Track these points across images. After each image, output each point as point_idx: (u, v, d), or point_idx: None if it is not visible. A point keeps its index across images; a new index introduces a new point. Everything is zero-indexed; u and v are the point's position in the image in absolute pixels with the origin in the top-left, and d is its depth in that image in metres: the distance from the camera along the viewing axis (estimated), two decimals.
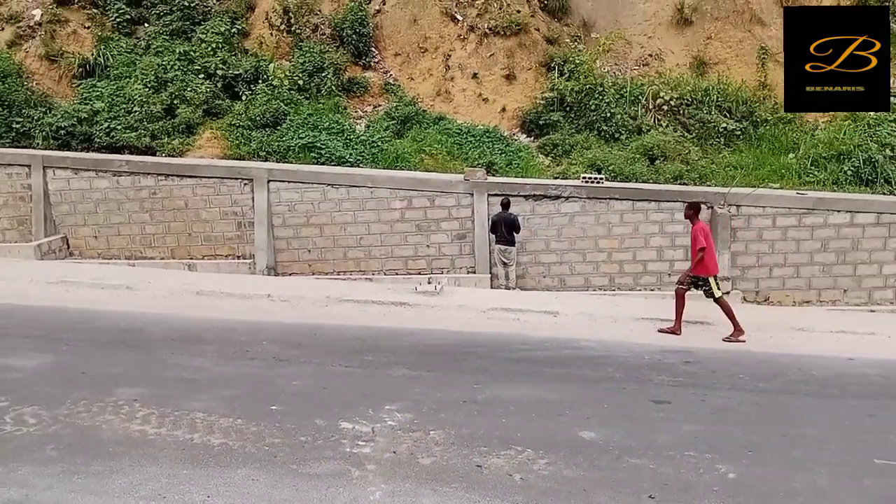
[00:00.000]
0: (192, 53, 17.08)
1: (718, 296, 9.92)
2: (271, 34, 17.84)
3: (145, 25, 18.09)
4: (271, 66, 16.94)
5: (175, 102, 16.27)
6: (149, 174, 14.44)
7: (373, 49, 18.05)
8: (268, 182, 14.04)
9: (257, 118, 16.01)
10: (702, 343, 9.50)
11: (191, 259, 14.35)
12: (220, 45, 17.31)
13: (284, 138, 15.55)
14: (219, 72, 16.81)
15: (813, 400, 7.46)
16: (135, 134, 15.62)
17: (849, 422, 6.80)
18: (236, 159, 15.21)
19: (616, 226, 13.63)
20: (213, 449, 5.52)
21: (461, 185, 13.89)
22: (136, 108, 16.04)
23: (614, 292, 13.44)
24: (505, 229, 13.16)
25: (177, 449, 5.51)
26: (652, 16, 18.35)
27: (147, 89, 16.36)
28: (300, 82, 16.80)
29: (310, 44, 17.53)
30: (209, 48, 17.20)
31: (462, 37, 17.73)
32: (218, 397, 6.64)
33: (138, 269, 13.39)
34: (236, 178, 14.24)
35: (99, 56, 17.07)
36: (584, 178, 13.90)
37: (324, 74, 16.97)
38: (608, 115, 16.32)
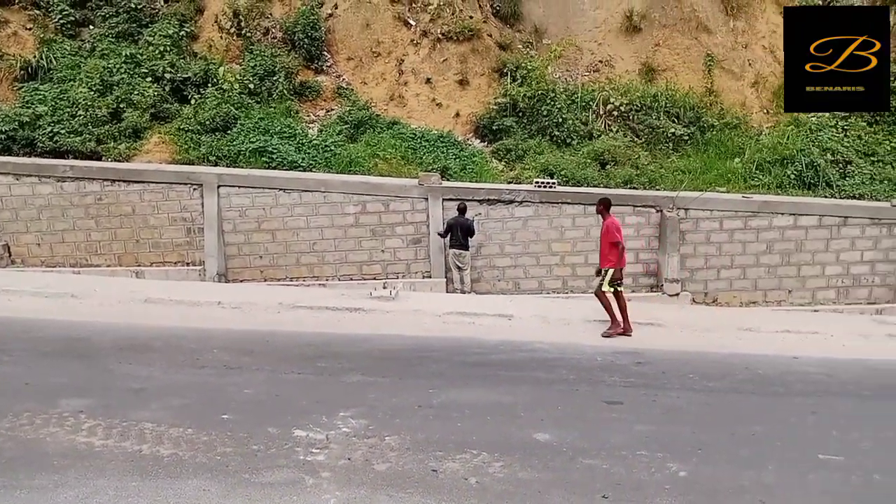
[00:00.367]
0: (139, 56, 16.72)
1: (605, 290, 10.06)
2: (221, 37, 17.61)
3: (90, 27, 17.64)
4: (221, 69, 16.67)
5: (121, 106, 15.87)
6: (94, 179, 14.05)
7: (325, 53, 17.94)
8: (218, 187, 13.82)
9: (207, 122, 15.75)
10: (652, 344, 9.67)
11: (138, 266, 14.02)
12: (168, 48, 16.98)
13: (235, 143, 15.32)
14: (167, 75, 16.49)
15: (760, 398, 7.66)
16: (79, 138, 15.20)
17: (794, 419, 7.01)
18: (185, 164, 14.92)
19: (568, 229, 13.80)
20: (163, 460, 5.40)
21: (416, 189, 13.89)
22: (80, 112, 15.61)
23: (567, 295, 13.59)
24: (461, 233, 13.20)
25: (125, 460, 5.38)
26: (602, 23, 18.66)
27: (92, 93, 15.93)
28: (251, 86, 16.61)
29: (261, 47, 17.35)
30: (157, 51, 16.86)
31: (415, 42, 17.76)
32: (167, 407, 6.50)
33: (84, 277, 13.04)
34: (185, 184, 13.98)
35: (41, 58, 16.56)
36: (537, 182, 14.04)
37: (275, 78, 16.81)
38: (560, 120, 16.55)
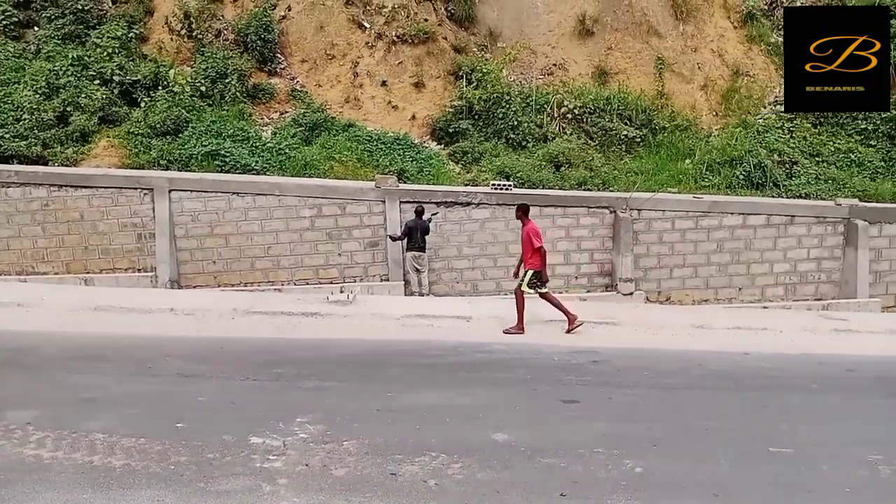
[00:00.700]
0: (86, 58, 16.33)
1: (523, 289, 10.12)
2: (171, 39, 17.31)
3: (35, 29, 17.20)
4: (172, 71, 16.39)
5: (68, 109, 15.49)
6: (40, 185, 13.71)
7: (279, 55, 17.76)
8: (169, 191, 13.57)
9: (157, 125, 15.46)
10: (608, 343, 9.79)
11: (88, 273, 13.69)
12: (116, 50, 16.64)
13: (186, 146, 15.06)
14: (115, 78, 16.15)
15: (712, 394, 7.81)
16: (24, 143, 14.79)
17: (745, 414, 7.16)
18: (135, 168, 14.63)
19: None
20: (115, 471, 5.27)
21: (372, 192, 13.84)
22: (25, 116, 15.18)
23: None
24: (420, 236, 13.20)
25: (75, 472, 5.23)
26: (556, 26, 18.85)
27: (38, 96, 15.51)
28: (202, 88, 16.37)
29: (212, 49, 17.10)
30: (105, 53, 16.51)
31: (370, 44, 17.69)
32: (119, 416, 6.34)
33: (30, 285, 12.72)
34: (135, 188, 13.70)
35: None
36: (493, 185, 14.12)
37: (227, 81, 16.58)
38: (515, 123, 16.67)
